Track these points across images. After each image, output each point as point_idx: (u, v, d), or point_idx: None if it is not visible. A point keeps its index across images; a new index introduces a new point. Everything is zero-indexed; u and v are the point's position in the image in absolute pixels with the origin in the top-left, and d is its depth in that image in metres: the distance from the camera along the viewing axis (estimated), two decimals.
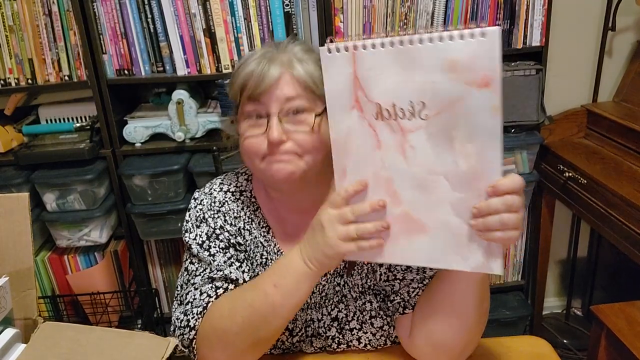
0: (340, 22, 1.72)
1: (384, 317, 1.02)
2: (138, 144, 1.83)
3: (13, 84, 1.75)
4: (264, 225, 1.04)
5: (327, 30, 1.71)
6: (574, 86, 2.09)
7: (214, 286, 0.95)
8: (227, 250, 0.99)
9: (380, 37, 0.74)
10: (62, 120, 1.87)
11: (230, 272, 0.96)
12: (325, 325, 1.02)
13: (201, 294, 0.95)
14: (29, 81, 1.74)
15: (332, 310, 1.02)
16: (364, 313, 1.01)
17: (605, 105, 2.04)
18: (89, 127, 1.80)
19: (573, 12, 1.98)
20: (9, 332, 0.81)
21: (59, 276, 1.91)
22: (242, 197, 1.05)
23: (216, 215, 1.02)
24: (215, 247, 0.99)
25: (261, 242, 1.03)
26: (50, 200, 1.78)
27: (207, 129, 1.83)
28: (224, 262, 0.98)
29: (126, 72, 1.76)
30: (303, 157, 0.92)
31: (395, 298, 0.98)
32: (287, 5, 1.69)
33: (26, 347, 0.79)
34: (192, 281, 0.99)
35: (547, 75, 1.84)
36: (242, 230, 1.03)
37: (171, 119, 1.80)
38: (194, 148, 1.83)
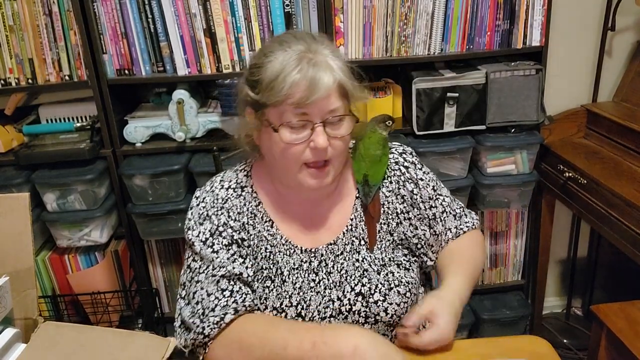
0: (340, 22, 1.72)
1: (406, 284, 1.05)
2: (138, 144, 1.83)
3: (13, 84, 1.75)
4: (267, 219, 1.07)
5: (327, 31, 1.71)
6: (574, 86, 2.09)
7: (219, 288, 0.97)
8: (230, 247, 1.02)
9: None
10: (62, 120, 1.87)
11: (234, 268, 0.99)
12: (351, 302, 1.03)
13: (208, 295, 0.97)
14: (29, 81, 1.74)
15: (355, 285, 1.04)
16: (387, 284, 1.04)
17: (605, 105, 2.04)
18: (89, 127, 1.80)
19: (573, 12, 1.98)
20: (9, 332, 0.82)
21: (59, 276, 1.91)
22: (243, 193, 1.08)
23: (219, 212, 1.05)
24: (218, 244, 1.02)
25: (265, 236, 1.06)
26: (50, 200, 1.78)
27: (207, 129, 1.83)
28: (227, 258, 1.00)
29: (126, 72, 1.76)
30: (335, 163, 1.00)
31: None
32: (287, 5, 1.69)
33: (26, 346, 0.79)
34: (196, 279, 1.01)
35: (547, 75, 1.84)
36: (246, 225, 1.06)
37: (171, 119, 1.80)
38: (194, 148, 1.83)
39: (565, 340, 2.21)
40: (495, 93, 1.78)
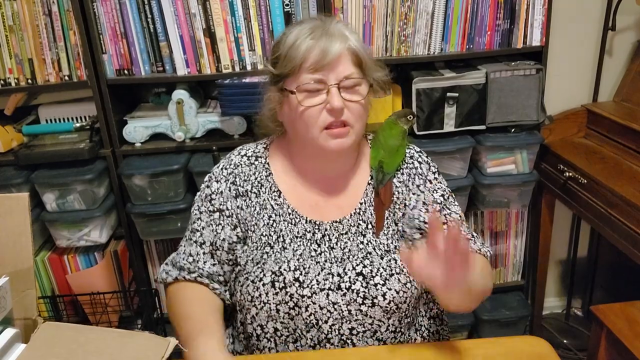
0: None
1: (407, 274, 1.06)
2: (138, 144, 1.83)
3: (13, 84, 1.74)
4: (275, 189, 1.13)
5: None
6: (574, 86, 2.09)
7: (189, 251, 1.15)
8: (212, 214, 1.13)
9: None
10: (62, 120, 1.87)
11: (201, 235, 1.13)
12: (351, 280, 1.04)
13: (183, 252, 1.16)
14: (29, 81, 1.74)
15: (357, 265, 1.06)
16: (389, 270, 1.05)
17: (605, 105, 2.04)
18: (88, 127, 1.80)
19: (573, 12, 1.98)
20: (9, 332, 0.81)
21: (58, 276, 1.91)
22: (256, 162, 1.16)
23: (224, 179, 1.15)
24: (204, 208, 1.14)
25: (270, 205, 1.12)
26: (50, 200, 1.78)
27: (207, 128, 1.83)
28: (206, 222, 1.14)
29: (126, 72, 1.76)
30: (354, 126, 1.05)
31: None
32: (287, 5, 1.69)
33: (26, 347, 0.79)
34: (187, 235, 1.18)
35: (547, 75, 1.84)
36: (249, 193, 1.13)
37: (171, 119, 1.79)
38: (193, 148, 1.83)
39: (565, 341, 2.21)
40: (495, 93, 1.78)
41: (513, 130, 1.85)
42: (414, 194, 1.13)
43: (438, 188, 1.14)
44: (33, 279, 0.89)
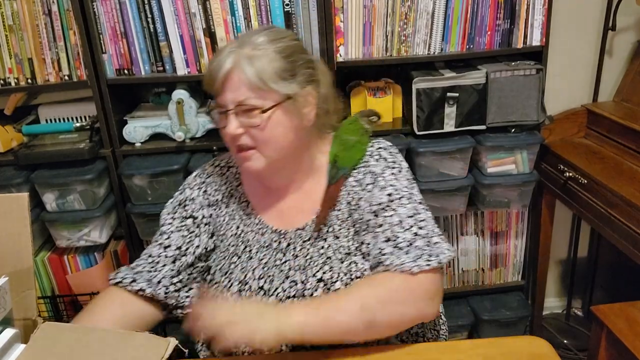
0: (341, 21, 1.72)
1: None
2: (138, 144, 1.83)
3: (13, 84, 1.74)
4: (244, 200, 1.15)
5: (327, 30, 1.71)
6: (574, 86, 2.09)
7: (149, 253, 1.14)
8: (184, 220, 1.15)
9: None
10: (61, 120, 1.87)
11: (169, 237, 1.13)
12: (312, 287, 1.03)
13: (144, 253, 1.15)
14: (29, 81, 1.74)
15: (317, 272, 1.04)
16: (349, 274, 1.03)
17: (605, 105, 2.04)
18: (88, 127, 1.80)
19: (573, 12, 1.98)
20: (9, 332, 0.81)
21: (58, 276, 1.91)
22: (227, 173, 1.18)
23: (196, 187, 1.17)
24: (178, 213, 1.16)
25: (239, 216, 1.13)
26: (50, 200, 1.78)
27: (207, 128, 1.83)
28: (176, 227, 1.14)
29: (126, 71, 1.76)
30: (261, 150, 1.03)
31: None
32: (287, 5, 1.69)
33: (26, 347, 0.79)
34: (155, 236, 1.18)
35: (547, 75, 1.84)
36: (220, 203, 1.15)
37: (171, 119, 1.79)
38: (193, 148, 1.83)
39: (565, 341, 2.21)
40: (495, 93, 1.78)
41: (513, 130, 1.85)
42: (363, 193, 1.07)
43: (389, 186, 1.05)
44: (33, 279, 0.89)
